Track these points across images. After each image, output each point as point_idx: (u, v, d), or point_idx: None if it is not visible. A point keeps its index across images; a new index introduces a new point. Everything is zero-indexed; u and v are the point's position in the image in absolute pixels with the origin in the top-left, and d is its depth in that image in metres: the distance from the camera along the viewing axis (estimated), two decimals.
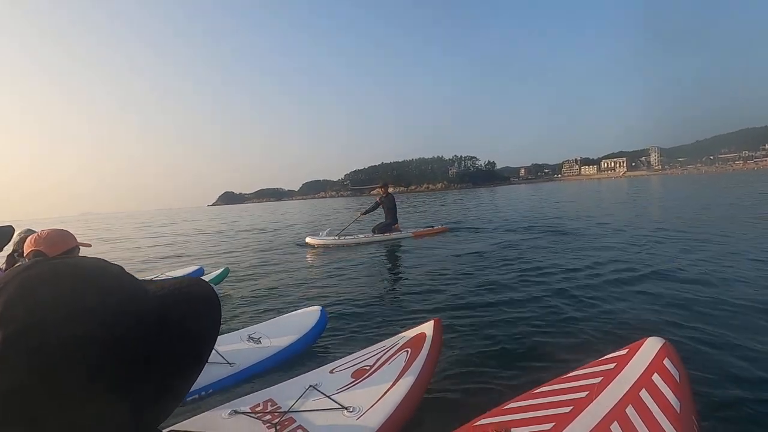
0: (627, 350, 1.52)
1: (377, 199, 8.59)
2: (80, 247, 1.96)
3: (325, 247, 7.86)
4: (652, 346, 1.49)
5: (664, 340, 1.50)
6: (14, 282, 0.33)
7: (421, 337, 2.06)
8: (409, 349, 1.99)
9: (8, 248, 2.33)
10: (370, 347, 2.15)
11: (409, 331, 2.19)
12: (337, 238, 8.12)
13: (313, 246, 8.06)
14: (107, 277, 0.37)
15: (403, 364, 1.89)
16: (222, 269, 5.08)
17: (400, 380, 1.78)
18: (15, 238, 2.35)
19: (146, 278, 5.26)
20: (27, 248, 1.74)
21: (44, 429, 0.30)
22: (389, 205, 8.48)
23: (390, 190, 8.73)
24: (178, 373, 0.38)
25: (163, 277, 5.16)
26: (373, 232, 8.35)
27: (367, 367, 1.93)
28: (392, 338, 2.19)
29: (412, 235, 8.40)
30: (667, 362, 1.38)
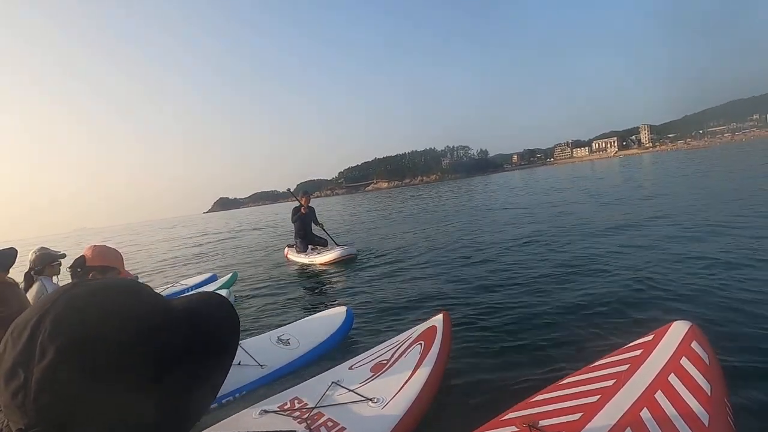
0: (653, 336, 1.51)
1: (302, 211, 6.71)
2: (123, 273, 2.05)
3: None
4: (679, 330, 1.47)
5: (690, 323, 1.48)
6: (61, 300, 0.37)
7: (432, 329, 2.13)
8: (422, 342, 2.06)
9: (25, 267, 2.46)
10: (384, 343, 2.23)
11: (419, 325, 2.25)
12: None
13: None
14: (140, 295, 0.42)
15: (418, 356, 1.96)
16: (230, 274, 5.23)
17: (418, 371, 1.85)
18: (31, 256, 2.48)
19: (163, 287, 5.27)
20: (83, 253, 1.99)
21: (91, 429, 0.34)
22: (306, 220, 6.82)
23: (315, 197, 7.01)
24: (207, 376, 0.43)
25: (179, 285, 5.30)
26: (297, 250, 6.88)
27: (384, 362, 2.01)
28: (404, 333, 2.26)
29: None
30: (695, 345, 1.37)
